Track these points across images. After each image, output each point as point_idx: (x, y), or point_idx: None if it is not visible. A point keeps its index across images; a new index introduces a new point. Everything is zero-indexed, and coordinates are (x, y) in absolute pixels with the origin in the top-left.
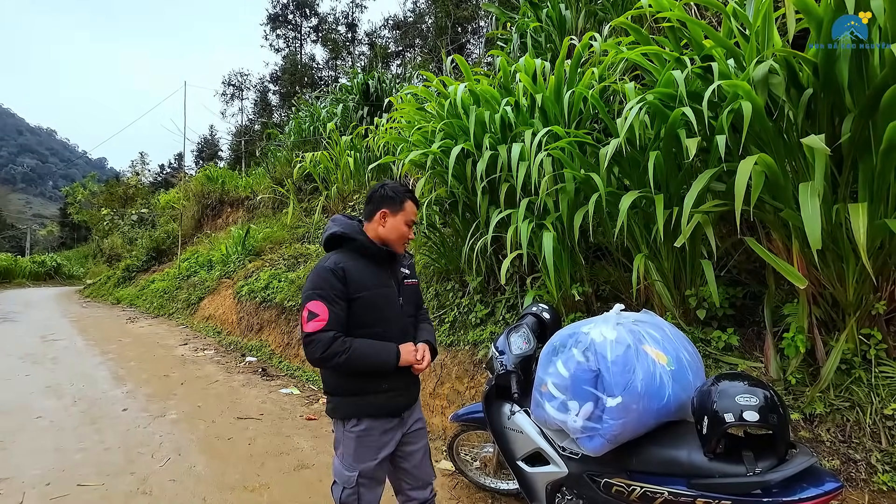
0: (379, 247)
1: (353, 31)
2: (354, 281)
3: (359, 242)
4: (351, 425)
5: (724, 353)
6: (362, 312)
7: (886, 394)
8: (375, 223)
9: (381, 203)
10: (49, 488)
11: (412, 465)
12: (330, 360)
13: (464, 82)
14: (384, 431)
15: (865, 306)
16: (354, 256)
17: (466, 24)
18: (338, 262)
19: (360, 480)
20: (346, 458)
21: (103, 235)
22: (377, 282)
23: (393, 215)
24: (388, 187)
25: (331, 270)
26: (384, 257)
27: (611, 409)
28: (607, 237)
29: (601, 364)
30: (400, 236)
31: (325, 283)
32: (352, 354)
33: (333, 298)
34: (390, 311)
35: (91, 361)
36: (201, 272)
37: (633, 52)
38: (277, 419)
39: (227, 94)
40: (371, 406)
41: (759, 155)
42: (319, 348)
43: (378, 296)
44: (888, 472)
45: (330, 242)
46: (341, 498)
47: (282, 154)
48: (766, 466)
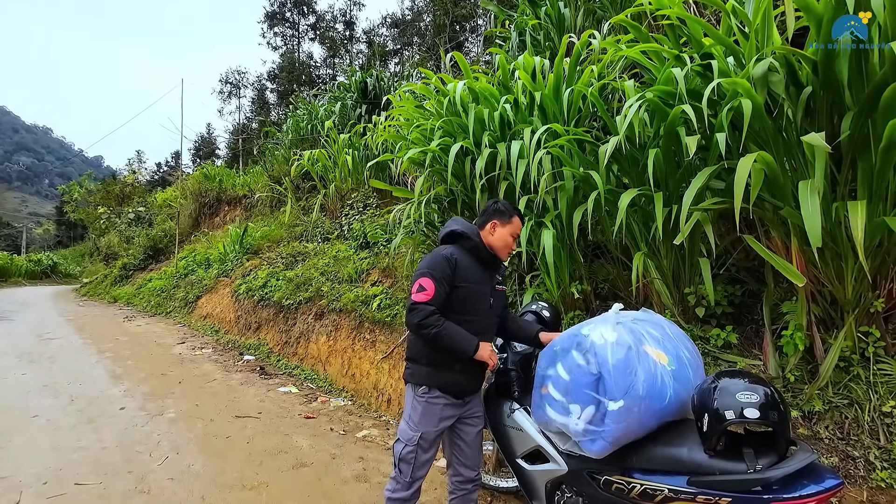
0: (488, 250)
1: (351, 29)
2: (462, 271)
3: (474, 242)
4: (422, 391)
5: (723, 350)
6: (460, 301)
7: (885, 391)
8: (486, 232)
9: (493, 215)
10: (46, 487)
11: (466, 443)
12: (424, 328)
13: (463, 80)
14: (446, 405)
15: (864, 304)
16: (466, 253)
17: (465, 22)
18: (453, 254)
19: (420, 442)
20: (411, 420)
21: (100, 234)
22: (479, 279)
23: (502, 226)
24: (500, 203)
25: (446, 258)
26: (490, 260)
27: (612, 413)
28: (606, 235)
29: (602, 367)
30: (505, 245)
31: (438, 265)
32: (442, 331)
33: (442, 280)
34: (482, 306)
35: (88, 360)
36: (199, 271)
37: (633, 50)
38: (276, 418)
39: (225, 92)
40: (442, 380)
41: (758, 153)
42: (419, 316)
43: (476, 291)
44: (886, 468)
45: (448, 238)
46: (401, 453)
47: (279, 152)
48: (766, 463)
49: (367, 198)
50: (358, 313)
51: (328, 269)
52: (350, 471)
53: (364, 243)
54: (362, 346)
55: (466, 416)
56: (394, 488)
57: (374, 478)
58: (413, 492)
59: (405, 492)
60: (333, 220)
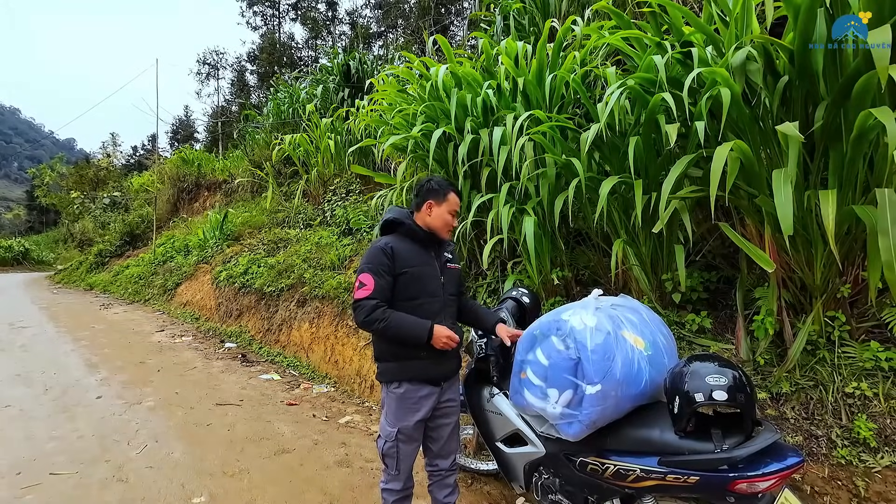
0: (424, 230)
1: (334, 9)
2: (401, 258)
3: (407, 226)
4: (393, 387)
5: (698, 335)
6: (407, 286)
7: (848, 373)
8: (423, 213)
9: (427, 195)
10: (20, 478)
11: (439, 435)
12: (371, 324)
13: (446, 64)
14: (420, 397)
15: (831, 290)
16: (403, 239)
17: (450, 4)
18: (388, 243)
19: (399, 436)
20: (388, 416)
21: (74, 219)
22: (421, 260)
23: (438, 205)
24: (433, 181)
25: (381, 248)
26: (428, 240)
27: (590, 397)
28: (587, 222)
29: (581, 352)
30: (444, 224)
31: (375, 258)
32: (389, 323)
33: (380, 272)
34: (432, 286)
35: (62, 349)
36: (178, 257)
37: (615, 37)
38: (257, 405)
39: (203, 74)
40: (409, 371)
41: (734, 142)
42: (363, 313)
43: (422, 273)
44: (847, 446)
45: (385, 228)
46: (383, 449)
47: (260, 136)
48: (732, 443)
49: (349, 183)
50: (341, 300)
51: (310, 255)
52: (332, 456)
53: (347, 230)
54: (345, 332)
55: (441, 407)
56: (387, 480)
57: (356, 463)
58: (404, 480)
59: (396, 482)
60: (316, 206)
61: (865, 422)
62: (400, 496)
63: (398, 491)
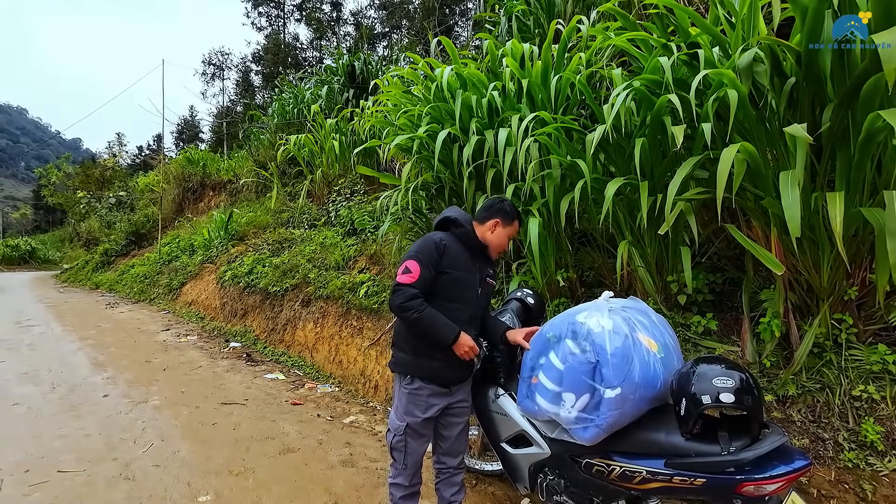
0: (478, 239)
1: (338, 10)
2: (450, 258)
3: (465, 229)
4: (406, 382)
5: (703, 337)
6: (446, 286)
7: (855, 376)
8: (486, 227)
9: (497, 213)
10: (28, 475)
11: (449, 434)
12: (405, 311)
13: (451, 66)
14: (431, 395)
15: (838, 292)
16: (456, 240)
17: (454, 5)
18: (442, 239)
19: (408, 430)
20: (398, 410)
21: (80, 219)
22: (467, 267)
23: (503, 227)
24: (507, 203)
25: (435, 242)
26: (479, 250)
27: (608, 401)
28: (592, 224)
29: (600, 356)
30: (500, 245)
31: (426, 249)
32: (423, 316)
33: (428, 264)
34: (469, 294)
35: (69, 347)
36: (183, 257)
37: (620, 38)
38: (262, 404)
39: (208, 74)
40: (423, 370)
41: (741, 143)
42: (401, 297)
43: (463, 279)
44: (854, 450)
45: (441, 224)
46: (392, 442)
47: (265, 137)
48: (739, 446)
49: (354, 184)
50: (345, 300)
51: (315, 255)
52: (337, 456)
53: (351, 230)
54: (349, 332)
55: (453, 407)
56: (394, 474)
57: (360, 462)
58: (411, 475)
59: (403, 477)
60: (320, 207)
61: (873, 425)
62: (407, 492)
63: (405, 486)
